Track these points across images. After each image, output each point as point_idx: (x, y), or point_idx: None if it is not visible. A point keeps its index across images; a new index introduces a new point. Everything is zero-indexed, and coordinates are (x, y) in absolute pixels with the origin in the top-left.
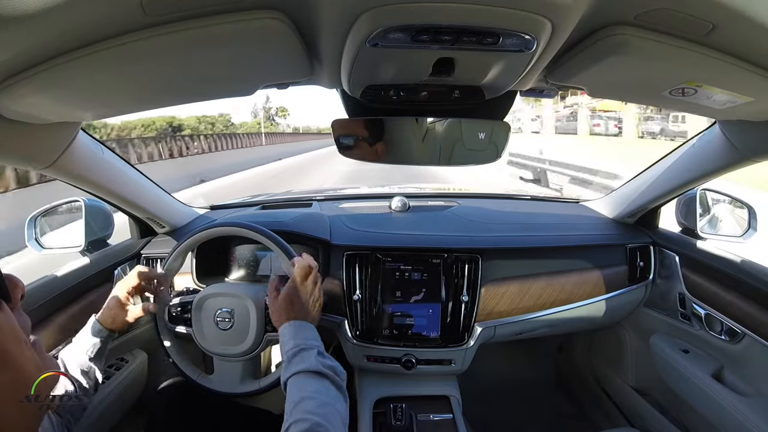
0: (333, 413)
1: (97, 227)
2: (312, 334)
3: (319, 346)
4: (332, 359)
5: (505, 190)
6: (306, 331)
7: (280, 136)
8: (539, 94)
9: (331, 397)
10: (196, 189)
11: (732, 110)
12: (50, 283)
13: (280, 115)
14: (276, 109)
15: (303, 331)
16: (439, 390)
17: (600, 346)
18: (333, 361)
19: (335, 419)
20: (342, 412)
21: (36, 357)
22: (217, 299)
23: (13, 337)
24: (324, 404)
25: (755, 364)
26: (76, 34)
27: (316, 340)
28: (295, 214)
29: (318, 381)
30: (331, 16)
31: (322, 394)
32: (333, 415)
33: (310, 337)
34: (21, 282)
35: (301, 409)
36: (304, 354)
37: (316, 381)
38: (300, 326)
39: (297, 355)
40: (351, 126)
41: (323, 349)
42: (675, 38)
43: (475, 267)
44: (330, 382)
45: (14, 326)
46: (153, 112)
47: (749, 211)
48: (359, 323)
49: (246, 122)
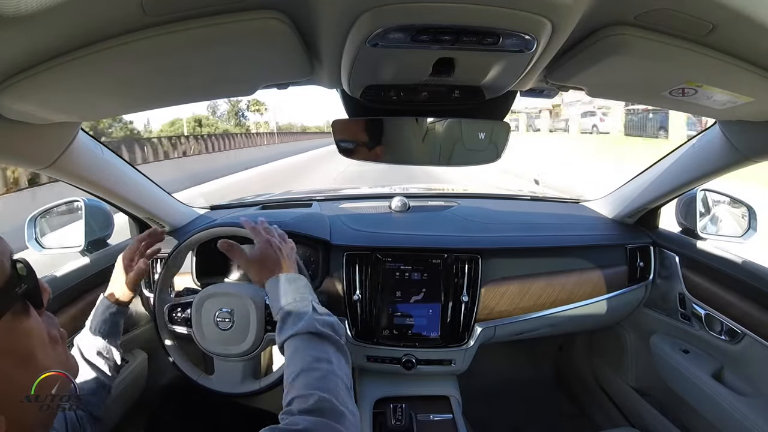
0: (336, 383)
1: (97, 227)
2: (303, 283)
3: (313, 299)
4: (329, 313)
5: (505, 191)
6: (294, 283)
7: (249, 138)
8: (539, 94)
9: (333, 363)
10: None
11: (732, 110)
12: (51, 283)
13: (254, 109)
14: (248, 102)
15: (293, 283)
16: (439, 390)
17: (600, 346)
18: (330, 316)
19: (339, 388)
20: (345, 377)
21: (62, 355)
22: (217, 299)
23: (41, 341)
24: (327, 374)
25: (755, 364)
26: (76, 34)
27: (308, 292)
28: (295, 214)
29: (318, 345)
30: (331, 16)
31: (323, 361)
32: (336, 384)
33: (301, 288)
34: (48, 286)
35: (302, 382)
36: (299, 312)
37: (316, 346)
38: (288, 278)
39: (291, 315)
40: (351, 126)
41: (317, 300)
42: (675, 38)
43: (475, 267)
44: (330, 344)
45: (42, 331)
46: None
47: (749, 211)
48: (359, 323)
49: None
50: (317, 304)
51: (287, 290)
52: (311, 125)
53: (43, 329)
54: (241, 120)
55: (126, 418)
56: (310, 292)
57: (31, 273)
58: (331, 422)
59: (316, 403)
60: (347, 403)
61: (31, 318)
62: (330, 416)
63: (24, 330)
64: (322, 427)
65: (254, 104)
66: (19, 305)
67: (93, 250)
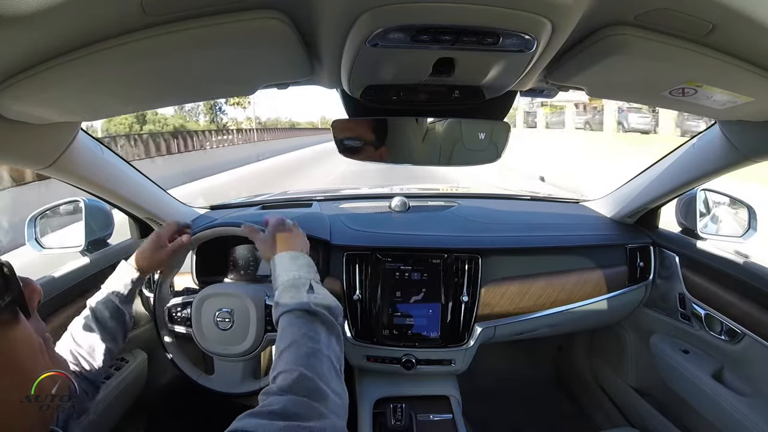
0: (322, 360)
1: (97, 227)
2: (305, 261)
3: (313, 278)
4: (326, 294)
5: (505, 190)
6: (299, 260)
7: (212, 137)
8: (539, 94)
9: (321, 342)
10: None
11: (732, 110)
12: (50, 283)
13: (232, 103)
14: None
15: (296, 261)
16: (439, 390)
17: (600, 346)
18: (326, 298)
19: (323, 367)
20: (333, 356)
21: (49, 363)
22: (217, 299)
23: (29, 349)
24: (312, 352)
25: (755, 364)
26: (76, 34)
27: (309, 271)
28: (295, 214)
29: (308, 323)
30: (331, 16)
31: (312, 339)
32: (322, 362)
33: (304, 267)
34: (39, 288)
35: (287, 358)
36: (295, 290)
37: (306, 323)
38: (293, 256)
39: (288, 291)
40: (351, 126)
41: (318, 279)
42: (675, 38)
43: (475, 267)
44: (320, 323)
45: (31, 338)
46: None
47: (749, 211)
48: (359, 323)
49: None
50: (317, 283)
51: (290, 267)
52: (303, 121)
53: (33, 336)
54: (218, 115)
55: (126, 418)
56: (311, 270)
57: (14, 278)
58: (311, 402)
59: (296, 380)
60: (331, 382)
61: (20, 325)
62: (310, 395)
63: (12, 339)
64: (300, 406)
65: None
66: (6, 315)
67: (93, 250)
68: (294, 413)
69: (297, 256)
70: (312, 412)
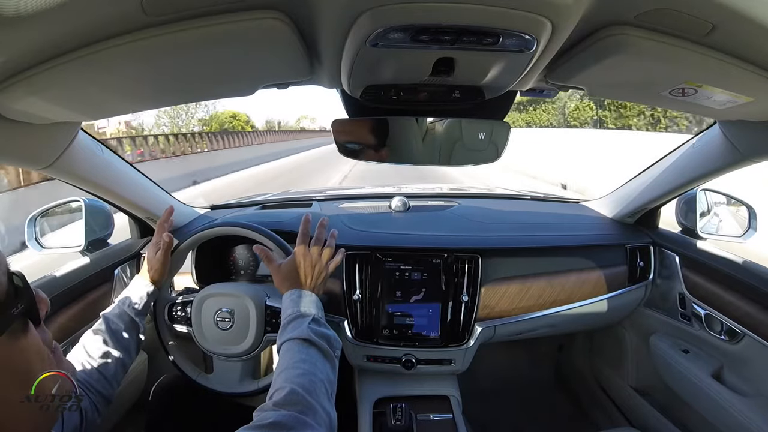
0: (313, 381)
1: (97, 227)
2: (309, 301)
3: (316, 314)
4: (327, 328)
5: (505, 190)
6: (304, 298)
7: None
8: (539, 94)
9: (317, 366)
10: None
11: (732, 110)
12: (50, 283)
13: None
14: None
15: (302, 299)
16: (439, 390)
17: (600, 346)
18: (328, 330)
19: (315, 387)
20: (326, 380)
21: (56, 366)
22: (217, 299)
23: (38, 357)
24: (305, 373)
25: (755, 364)
26: (76, 34)
27: (313, 308)
28: (295, 214)
29: (305, 349)
30: (331, 15)
31: (307, 363)
32: (314, 383)
33: (308, 305)
34: (46, 298)
35: (283, 377)
36: (298, 321)
37: (304, 349)
38: (300, 294)
39: (292, 323)
40: (351, 126)
41: (322, 316)
42: (675, 38)
43: (475, 267)
44: (317, 350)
45: (39, 346)
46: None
47: (749, 211)
48: (359, 323)
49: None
50: (321, 317)
51: (297, 303)
52: (289, 123)
53: (41, 345)
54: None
55: (126, 418)
56: (317, 308)
57: (27, 288)
58: (300, 415)
59: (288, 394)
60: (322, 401)
61: (29, 334)
62: (300, 409)
63: (22, 348)
64: (291, 419)
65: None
66: (17, 324)
67: (93, 250)
68: (285, 425)
69: (303, 295)
70: (301, 425)
